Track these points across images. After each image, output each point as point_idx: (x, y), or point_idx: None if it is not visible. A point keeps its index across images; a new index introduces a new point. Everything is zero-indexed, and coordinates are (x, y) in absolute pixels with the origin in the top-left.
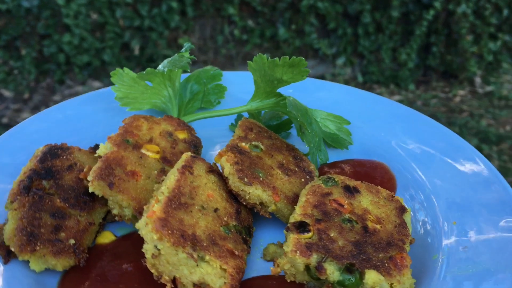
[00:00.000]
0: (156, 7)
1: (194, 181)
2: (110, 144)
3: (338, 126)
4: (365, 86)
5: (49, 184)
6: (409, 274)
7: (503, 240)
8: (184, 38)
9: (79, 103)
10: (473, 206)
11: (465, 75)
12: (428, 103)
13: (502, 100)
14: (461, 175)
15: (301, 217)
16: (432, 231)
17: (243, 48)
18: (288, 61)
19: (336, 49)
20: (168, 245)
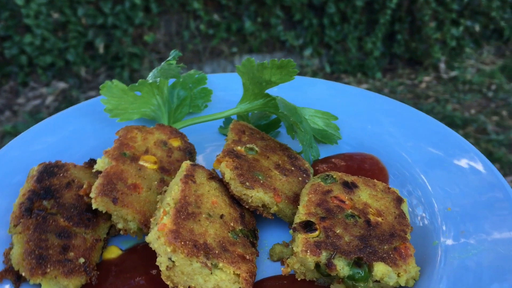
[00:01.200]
0: (119, 4)
1: (198, 190)
2: (108, 158)
3: (326, 122)
4: (333, 76)
5: (50, 204)
6: (413, 263)
7: (497, 219)
8: (149, 34)
9: (66, 117)
10: (463, 190)
11: (430, 61)
12: (395, 91)
13: (466, 85)
14: (448, 162)
15: (306, 216)
16: (429, 218)
17: (210, 42)
18: (277, 63)
19: (303, 40)
20: (182, 256)
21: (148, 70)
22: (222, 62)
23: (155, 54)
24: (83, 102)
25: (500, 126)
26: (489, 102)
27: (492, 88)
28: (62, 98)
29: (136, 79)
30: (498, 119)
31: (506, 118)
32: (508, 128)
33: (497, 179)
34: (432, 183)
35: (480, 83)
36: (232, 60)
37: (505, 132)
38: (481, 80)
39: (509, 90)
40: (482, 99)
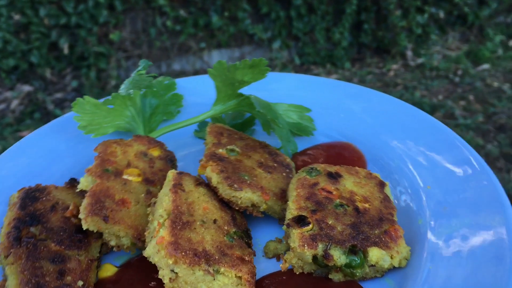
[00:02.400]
0: (82, 3)
1: (188, 198)
2: (91, 176)
3: (300, 115)
4: (303, 68)
5: (38, 229)
6: (404, 243)
7: (474, 192)
8: (115, 33)
9: (38, 138)
10: (440, 167)
11: (397, 49)
12: (364, 80)
13: (433, 71)
14: (423, 142)
15: (297, 211)
16: (411, 198)
17: (178, 39)
18: (249, 63)
19: (271, 33)
20: (185, 266)
21: (115, 69)
22: (191, 58)
23: (122, 52)
24: (54, 120)
25: (467, 111)
26: (455, 87)
27: (458, 73)
28: (27, 101)
29: (104, 78)
30: (465, 104)
31: (472, 102)
32: (475, 112)
33: (470, 152)
34: (409, 164)
35: (446, 69)
36: (201, 56)
37: (472, 116)
38: (447, 66)
39: (475, 74)
40: (449, 85)
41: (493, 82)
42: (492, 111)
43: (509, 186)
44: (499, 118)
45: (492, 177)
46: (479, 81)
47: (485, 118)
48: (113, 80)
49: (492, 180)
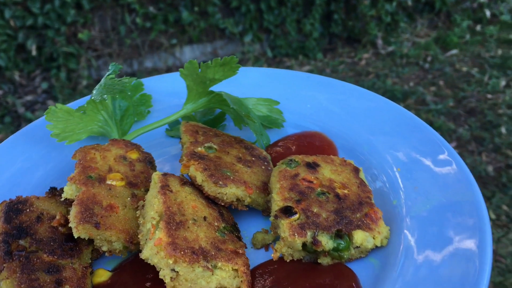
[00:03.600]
0: (48, 3)
1: (177, 198)
2: (75, 185)
3: (269, 108)
4: (275, 60)
5: (27, 242)
6: (383, 224)
7: (440, 171)
8: (83, 32)
9: (8, 147)
10: (405, 150)
11: (367, 38)
12: (336, 70)
13: (403, 58)
14: (388, 127)
15: (283, 202)
16: (383, 180)
17: (148, 36)
18: (220, 61)
19: (242, 26)
20: (185, 265)
21: (86, 69)
22: (163, 55)
23: (92, 52)
24: (23, 129)
25: (438, 96)
26: (426, 73)
27: (428, 59)
28: None
29: (74, 79)
30: (436, 89)
31: (443, 87)
32: (446, 97)
33: (432, 133)
34: (377, 148)
35: (416, 56)
36: (173, 52)
37: (443, 101)
38: (417, 52)
39: (444, 60)
40: (420, 71)
41: (462, 67)
42: (462, 95)
43: (481, 168)
44: (469, 102)
45: (455, 155)
46: (448, 67)
47: (456, 103)
48: (84, 80)
49: (454, 155)
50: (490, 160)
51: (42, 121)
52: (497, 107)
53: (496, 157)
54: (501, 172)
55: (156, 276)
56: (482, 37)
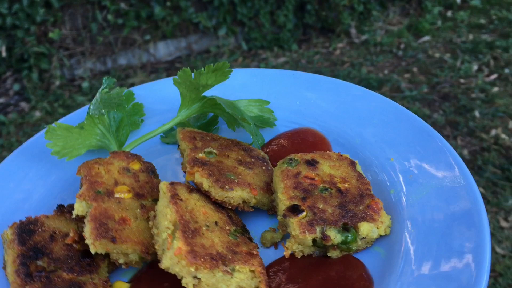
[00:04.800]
0: (16, 3)
1: (187, 206)
2: (85, 201)
3: (260, 108)
4: (251, 53)
5: (45, 262)
6: (385, 213)
7: (433, 158)
8: (54, 31)
9: (7, 167)
10: (396, 139)
11: (341, 28)
12: (311, 60)
13: (377, 47)
14: (377, 119)
15: (289, 201)
16: (378, 171)
17: (121, 32)
18: (212, 67)
19: (216, 20)
20: (206, 271)
21: (58, 68)
22: (137, 52)
23: (64, 51)
24: (18, 148)
25: (412, 83)
26: (400, 61)
27: (401, 47)
28: None
29: (47, 79)
30: (410, 76)
31: (416, 74)
32: (420, 84)
33: (420, 122)
34: (369, 140)
35: (389, 44)
36: (147, 48)
37: (417, 88)
38: (390, 40)
39: (417, 47)
40: (393, 59)
41: (434, 53)
42: (435, 81)
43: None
44: (442, 88)
45: (442, 140)
46: (421, 53)
47: (430, 89)
48: (57, 80)
49: (443, 143)
50: (465, 144)
51: (38, 139)
52: (470, 91)
53: (471, 141)
54: (476, 155)
55: (172, 284)
56: (453, 22)
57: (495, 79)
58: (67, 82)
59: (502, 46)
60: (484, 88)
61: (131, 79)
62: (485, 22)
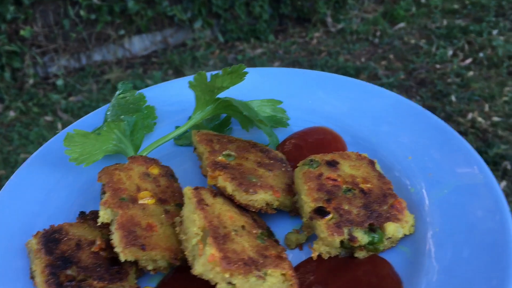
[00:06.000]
0: None
1: (214, 211)
2: (110, 209)
3: (272, 108)
4: (227, 45)
5: (74, 271)
6: (408, 213)
7: (452, 156)
8: (25, 29)
9: (23, 174)
10: (412, 137)
11: (317, 17)
12: (289, 51)
13: (353, 35)
14: (392, 117)
15: (314, 203)
16: (397, 169)
17: (94, 28)
18: (228, 70)
19: (191, 13)
20: (240, 277)
21: (31, 67)
22: (112, 47)
23: (36, 48)
24: (33, 155)
25: (389, 70)
26: (376, 48)
27: (377, 34)
28: None
29: (20, 78)
30: (386, 63)
31: (393, 61)
32: (396, 70)
33: (436, 119)
34: (384, 138)
35: (365, 32)
36: (122, 44)
37: (394, 75)
38: (366, 28)
39: (392, 34)
40: (370, 47)
41: (410, 40)
42: (412, 67)
43: None
44: (419, 74)
45: (459, 138)
46: (397, 40)
47: (406, 75)
48: (31, 78)
49: (460, 141)
50: None
51: (51, 145)
52: (446, 76)
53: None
54: None
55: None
56: (428, 8)
57: (470, 63)
58: (41, 81)
59: (476, 31)
60: (459, 73)
61: (107, 75)
62: (459, 7)
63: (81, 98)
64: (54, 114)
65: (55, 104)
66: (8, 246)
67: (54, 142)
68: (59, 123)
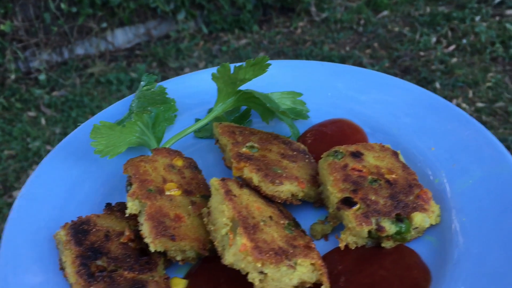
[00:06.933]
0: None
1: (242, 202)
2: (137, 200)
3: (292, 100)
4: (211, 36)
5: (104, 262)
6: (434, 203)
7: (476, 147)
8: (5, 23)
9: (49, 168)
10: (434, 128)
11: (301, 6)
12: (273, 41)
13: (337, 24)
14: (413, 108)
15: (341, 194)
16: (420, 160)
17: (76, 21)
18: (252, 62)
19: (174, 4)
20: (272, 266)
21: (12, 62)
22: (94, 40)
23: (17, 43)
24: (55, 148)
25: (373, 58)
26: (360, 37)
27: (361, 23)
28: None
29: (1, 73)
30: (371, 52)
31: (377, 49)
32: (381, 58)
33: (457, 110)
34: (406, 130)
35: (349, 20)
36: (104, 36)
37: (379, 63)
38: (350, 17)
39: (376, 22)
40: (354, 35)
41: (394, 27)
42: (396, 55)
43: None
44: (403, 61)
45: (481, 128)
46: (381, 28)
47: (391, 63)
48: (12, 74)
49: (482, 131)
50: None
51: (73, 137)
52: (430, 63)
53: None
54: None
55: (228, 278)
56: None
57: (453, 50)
58: (23, 76)
59: (459, 17)
60: (443, 60)
61: (90, 69)
62: None
63: (64, 93)
64: (37, 109)
65: (38, 99)
66: (36, 238)
67: (76, 134)
68: (42, 118)
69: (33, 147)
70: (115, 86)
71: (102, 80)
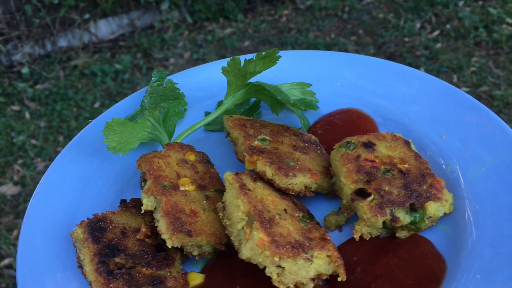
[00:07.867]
0: None
1: (256, 195)
2: (153, 196)
3: (302, 91)
4: (196, 26)
5: (122, 259)
6: (447, 192)
7: (488, 135)
8: None
9: (62, 166)
10: (446, 115)
11: None
12: (258, 29)
13: (322, 11)
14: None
15: (354, 185)
16: (432, 149)
17: (58, 13)
18: (262, 55)
19: None
20: (290, 260)
21: None
22: (77, 32)
23: None
24: (67, 146)
25: (359, 45)
26: (345, 24)
27: (346, 10)
28: None
29: None
30: (356, 38)
31: (362, 35)
32: (366, 45)
33: (468, 98)
34: (417, 119)
35: (334, 7)
36: (87, 28)
37: (364, 50)
38: (334, 4)
39: (361, 9)
40: (339, 22)
41: (378, 14)
42: (381, 41)
43: None
44: (388, 48)
45: (493, 115)
46: (365, 15)
47: (376, 49)
48: None
49: (494, 118)
50: None
51: (84, 135)
52: (414, 49)
53: None
54: None
55: (244, 272)
56: None
57: (437, 35)
58: (5, 69)
59: (443, 3)
60: (427, 45)
61: (74, 61)
62: None
63: (48, 86)
64: (21, 103)
65: (22, 92)
66: (53, 237)
67: (86, 131)
68: (26, 112)
69: (17, 142)
70: (100, 78)
71: (86, 72)
